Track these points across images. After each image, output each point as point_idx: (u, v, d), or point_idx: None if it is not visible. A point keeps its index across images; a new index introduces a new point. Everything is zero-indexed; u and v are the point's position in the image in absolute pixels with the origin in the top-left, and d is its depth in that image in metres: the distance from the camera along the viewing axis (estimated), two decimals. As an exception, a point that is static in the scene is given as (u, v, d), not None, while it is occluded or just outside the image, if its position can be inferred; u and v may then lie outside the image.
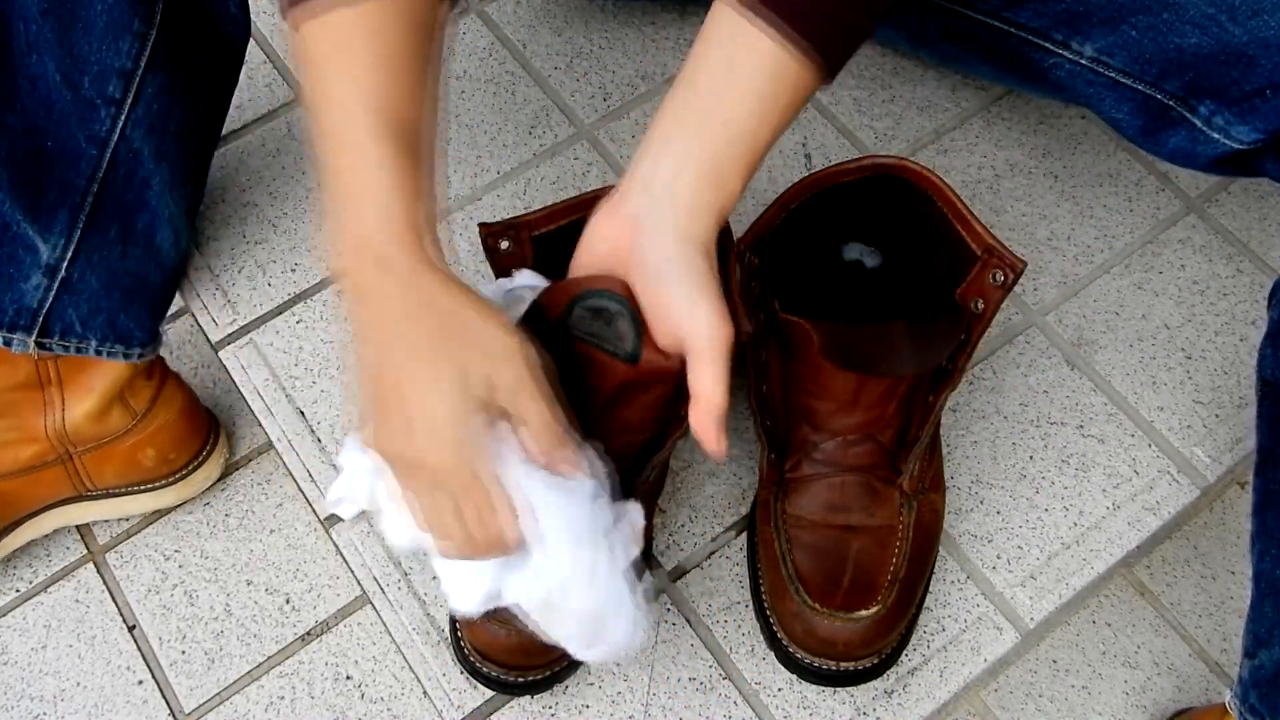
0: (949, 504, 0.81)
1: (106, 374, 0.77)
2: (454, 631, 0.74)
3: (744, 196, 0.59)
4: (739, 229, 0.73)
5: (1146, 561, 0.87)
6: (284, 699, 0.78)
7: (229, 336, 0.88)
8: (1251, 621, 0.70)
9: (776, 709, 0.75)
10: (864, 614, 0.69)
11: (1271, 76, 0.64)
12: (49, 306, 0.73)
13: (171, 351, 0.92)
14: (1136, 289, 0.92)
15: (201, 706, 0.78)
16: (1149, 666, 0.83)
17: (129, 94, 0.70)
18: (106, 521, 0.85)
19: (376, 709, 0.78)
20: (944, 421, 0.84)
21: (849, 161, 0.71)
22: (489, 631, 0.70)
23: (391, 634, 0.78)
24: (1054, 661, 0.83)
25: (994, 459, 0.84)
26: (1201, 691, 0.83)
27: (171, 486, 0.83)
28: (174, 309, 0.93)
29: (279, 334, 0.88)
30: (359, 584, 0.80)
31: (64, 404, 0.77)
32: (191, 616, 0.82)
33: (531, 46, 1.03)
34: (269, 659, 0.80)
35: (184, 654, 0.80)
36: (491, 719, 0.75)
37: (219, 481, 0.86)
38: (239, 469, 0.88)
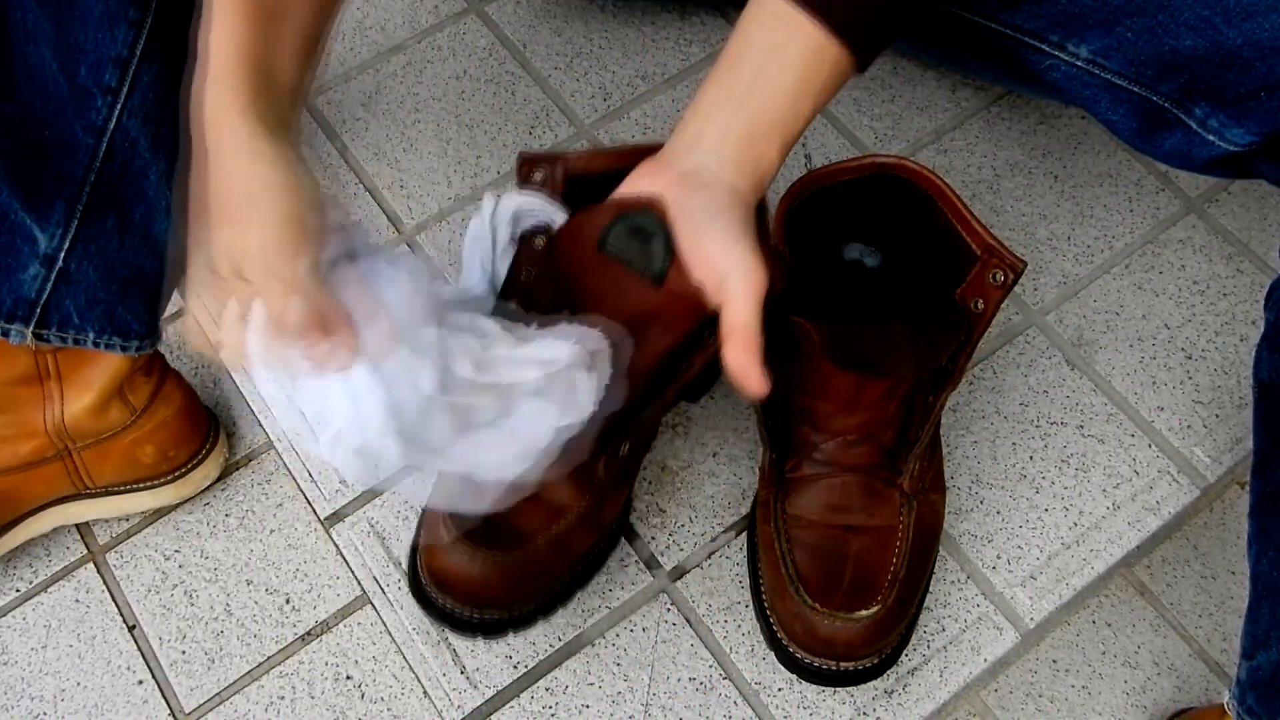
0: (949, 504, 0.81)
1: (106, 369, 0.77)
2: (412, 560, 0.70)
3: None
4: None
5: (1146, 561, 0.87)
6: (284, 699, 0.78)
7: (229, 336, 0.88)
8: (1249, 623, 0.70)
9: (776, 709, 0.75)
10: (864, 614, 0.69)
11: (1266, 79, 0.64)
12: (47, 297, 0.73)
13: (171, 351, 0.92)
14: (1136, 289, 0.92)
15: (201, 706, 0.78)
16: (1149, 666, 0.83)
17: (125, 83, 0.70)
18: (106, 521, 0.85)
19: (376, 709, 0.78)
20: (944, 421, 0.84)
21: (849, 161, 0.71)
22: (450, 558, 0.66)
23: (391, 634, 0.78)
24: (1054, 661, 0.83)
25: (994, 459, 0.84)
26: (1201, 691, 0.83)
27: (171, 485, 0.83)
28: (174, 309, 0.93)
29: (279, 334, 0.87)
30: (359, 584, 0.80)
31: (63, 398, 0.77)
32: (191, 616, 0.82)
33: (531, 46, 1.03)
34: (269, 659, 0.80)
35: (184, 654, 0.80)
36: (491, 719, 0.75)
37: (219, 481, 0.86)
38: (239, 469, 0.88)
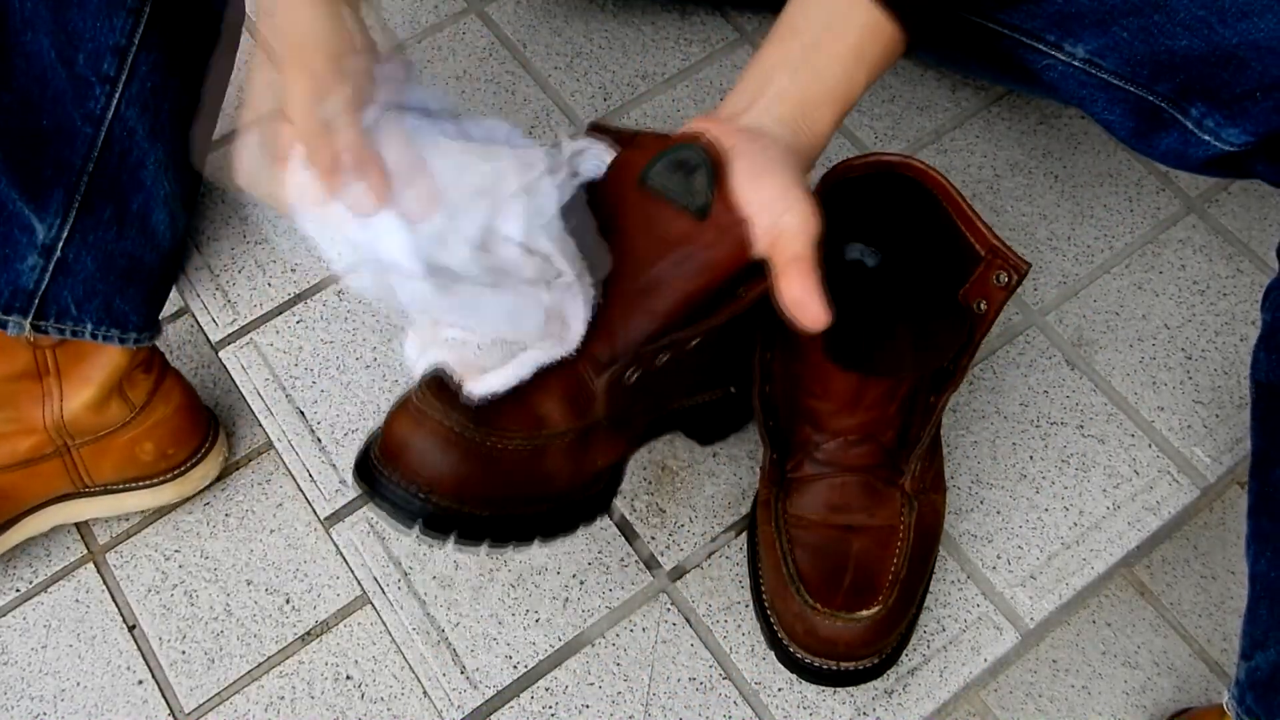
0: (949, 504, 0.81)
1: (105, 365, 0.77)
2: (366, 444, 0.61)
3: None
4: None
5: (1146, 561, 0.87)
6: (284, 699, 0.78)
7: (229, 336, 0.88)
8: (1248, 624, 0.70)
9: (776, 709, 0.75)
10: (865, 614, 0.69)
11: (1262, 79, 0.64)
12: (45, 288, 0.73)
13: (171, 351, 0.92)
14: (1136, 289, 0.92)
15: (201, 706, 0.78)
16: (1149, 666, 0.83)
17: (123, 71, 0.70)
18: (106, 521, 0.85)
19: (376, 709, 0.78)
20: (944, 421, 0.84)
21: (854, 159, 0.71)
22: (412, 422, 0.57)
23: (391, 634, 0.78)
24: (1054, 661, 0.83)
25: (994, 459, 0.84)
26: (1201, 691, 0.83)
27: (170, 483, 0.83)
28: (174, 309, 0.93)
29: (279, 334, 0.87)
30: (359, 584, 0.80)
31: (62, 395, 0.77)
32: (191, 616, 0.81)
33: (531, 46, 1.02)
34: (269, 659, 0.80)
35: (184, 654, 0.80)
36: (491, 719, 0.75)
37: (218, 481, 0.86)
38: (239, 469, 0.87)
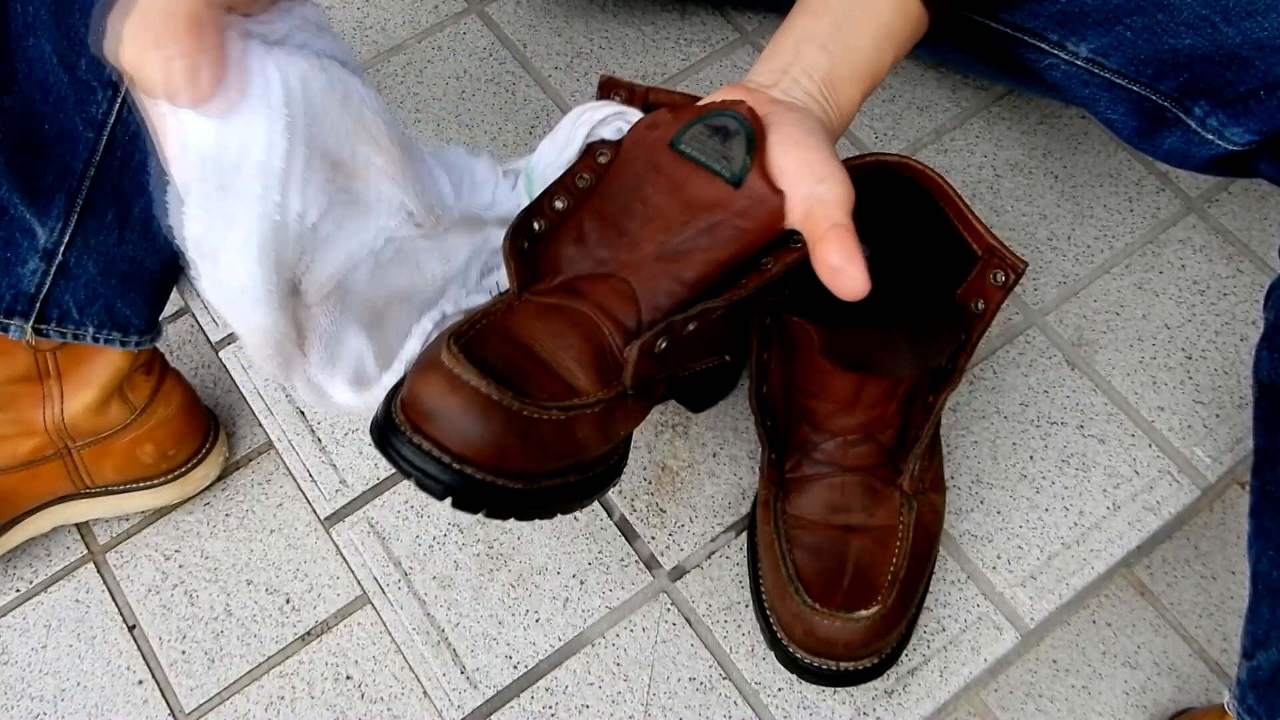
0: (949, 504, 0.81)
1: (105, 367, 0.77)
2: (388, 402, 0.54)
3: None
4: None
5: (1147, 561, 0.87)
6: (284, 699, 0.78)
7: (229, 336, 0.88)
8: (1249, 623, 0.70)
9: (776, 709, 0.75)
10: (864, 614, 0.69)
11: (1265, 77, 0.64)
12: (46, 292, 0.73)
13: (172, 351, 0.92)
14: (1137, 289, 0.92)
15: (201, 706, 0.78)
16: (1149, 666, 0.83)
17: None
18: (106, 521, 0.85)
19: (376, 709, 0.78)
20: (944, 421, 0.84)
21: (852, 158, 0.71)
22: (440, 383, 0.51)
23: (391, 634, 0.78)
24: (1054, 661, 0.83)
25: (994, 459, 0.84)
26: (1201, 691, 0.83)
27: (170, 484, 0.83)
28: (174, 309, 0.93)
29: (279, 333, 0.87)
30: (359, 584, 0.80)
31: (63, 397, 0.77)
32: (191, 616, 0.81)
33: (531, 46, 1.02)
34: (269, 659, 0.80)
35: (184, 654, 0.80)
36: (491, 719, 0.75)
37: (219, 481, 0.86)
38: (239, 469, 0.88)
